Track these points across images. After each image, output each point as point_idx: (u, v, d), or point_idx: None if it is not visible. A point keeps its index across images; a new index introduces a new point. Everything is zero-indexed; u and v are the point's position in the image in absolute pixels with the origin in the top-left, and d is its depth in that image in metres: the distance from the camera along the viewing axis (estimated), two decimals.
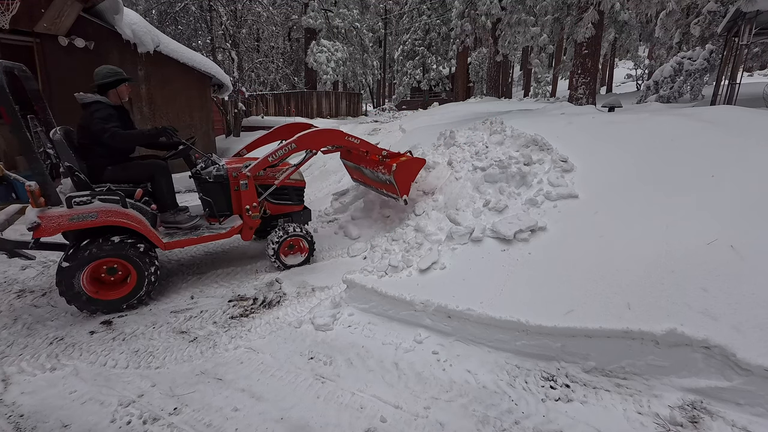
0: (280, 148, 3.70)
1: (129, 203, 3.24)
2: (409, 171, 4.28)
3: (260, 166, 3.70)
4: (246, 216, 3.73)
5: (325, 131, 4.01)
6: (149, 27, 7.43)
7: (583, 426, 2.06)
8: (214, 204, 3.76)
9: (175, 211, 3.67)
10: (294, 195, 4.26)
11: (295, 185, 4.23)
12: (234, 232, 3.75)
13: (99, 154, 3.36)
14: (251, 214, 3.73)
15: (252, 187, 3.72)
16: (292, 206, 4.27)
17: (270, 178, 3.98)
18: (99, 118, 3.25)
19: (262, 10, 14.94)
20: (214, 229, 3.73)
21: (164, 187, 3.56)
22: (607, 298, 2.52)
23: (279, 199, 4.15)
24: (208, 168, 3.76)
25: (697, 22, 11.62)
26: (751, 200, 2.87)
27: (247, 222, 3.77)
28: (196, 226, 3.73)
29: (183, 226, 3.67)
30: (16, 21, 5.52)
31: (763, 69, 22.01)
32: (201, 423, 2.14)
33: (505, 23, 13.12)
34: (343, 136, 4.07)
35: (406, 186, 4.27)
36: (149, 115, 7.77)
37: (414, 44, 26.37)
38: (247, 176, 3.65)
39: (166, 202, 3.60)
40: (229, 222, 3.80)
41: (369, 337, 2.85)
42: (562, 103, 10.42)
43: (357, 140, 4.17)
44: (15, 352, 2.74)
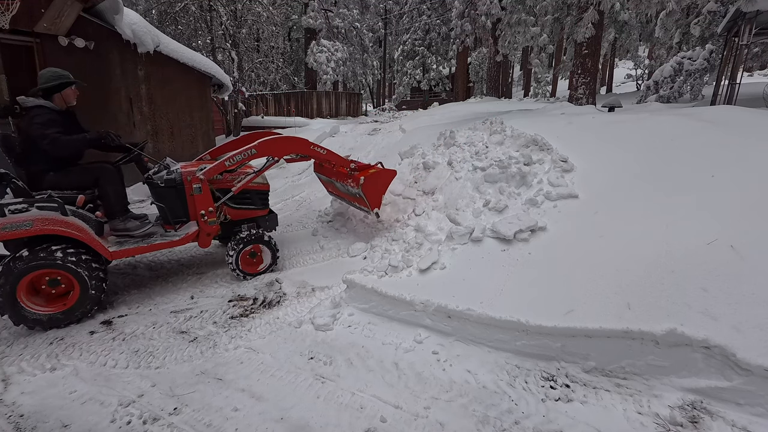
0: (238, 152, 3.57)
1: (70, 210, 3.07)
2: (379, 183, 4.18)
3: (216, 170, 3.55)
4: (202, 222, 3.57)
5: (288, 138, 3.90)
6: (149, 27, 7.42)
7: (583, 426, 2.06)
8: (167, 210, 3.57)
9: (125, 218, 3.47)
10: (257, 199, 4.07)
11: (258, 189, 4.04)
12: (189, 239, 3.57)
13: (39, 161, 3.20)
14: (207, 219, 3.57)
15: (207, 192, 3.55)
16: (256, 211, 4.08)
17: (228, 182, 3.81)
18: (38, 124, 3.09)
19: (262, 10, 14.93)
20: (168, 236, 3.54)
21: (111, 193, 3.36)
22: (607, 298, 2.52)
23: (241, 204, 3.96)
24: (160, 172, 3.58)
25: (697, 22, 11.62)
26: (751, 200, 2.87)
27: (204, 228, 3.59)
28: (149, 234, 3.53)
29: (134, 233, 3.46)
30: (16, 21, 5.51)
31: (763, 69, 22.02)
32: (201, 423, 2.14)
33: (505, 23, 13.13)
34: (308, 145, 3.96)
35: (375, 199, 4.18)
36: (149, 115, 7.77)
37: (414, 44, 26.38)
38: (201, 180, 3.49)
39: (114, 209, 3.41)
40: (185, 228, 3.62)
41: (369, 337, 2.85)
42: (562, 103, 10.43)
43: (323, 151, 4.06)
44: (15, 352, 2.74)
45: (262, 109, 16.99)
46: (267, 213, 4.20)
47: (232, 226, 3.96)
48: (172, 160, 3.75)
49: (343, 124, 14.98)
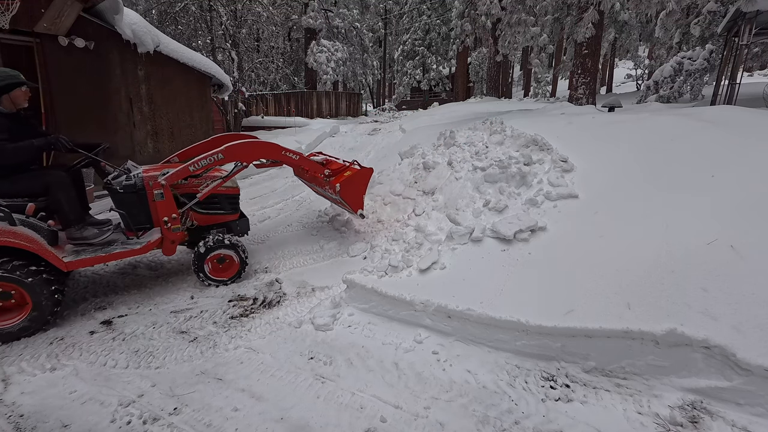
0: (204, 156, 3.43)
1: (19, 220, 2.89)
2: (356, 185, 4.09)
3: (179, 176, 3.41)
4: (165, 229, 3.42)
5: (257, 143, 3.77)
6: (149, 27, 7.42)
7: (583, 426, 2.06)
8: (128, 216, 3.39)
9: (82, 226, 3.26)
10: (226, 203, 3.91)
11: (227, 193, 3.88)
12: (151, 247, 3.41)
13: None
14: (171, 226, 3.42)
15: (170, 198, 3.39)
16: (225, 216, 3.93)
17: (194, 187, 3.67)
18: None
19: (262, 10, 14.94)
20: (129, 244, 3.37)
21: (63, 201, 3.14)
22: (607, 298, 2.52)
23: (208, 209, 3.81)
24: (119, 177, 3.41)
25: (697, 22, 11.62)
26: (751, 200, 2.87)
27: (168, 235, 3.44)
28: (109, 242, 3.35)
29: (93, 241, 3.27)
30: (16, 21, 5.51)
31: (763, 69, 22.02)
32: (201, 423, 2.14)
33: (505, 23, 13.12)
34: (279, 150, 3.83)
35: (356, 201, 4.11)
36: (149, 115, 7.76)
37: (414, 44, 26.39)
38: (162, 185, 3.33)
39: (68, 217, 3.19)
40: (147, 236, 3.46)
41: (369, 337, 2.85)
42: (562, 103, 10.44)
43: (296, 156, 3.92)
44: (15, 352, 2.74)
45: (262, 109, 17.00)
46: (237, 217, 4.06)
47: (200, 231, 3.81)
48: (134, 164, 3.60)
49: (343, 124, 14.99)
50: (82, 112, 6.80)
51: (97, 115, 6.99)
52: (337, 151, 10.38)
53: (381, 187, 5.22)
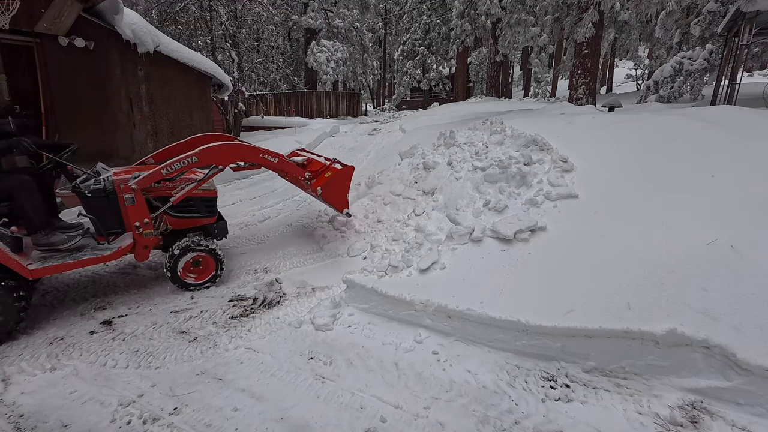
0: (177, 159, 3.32)
1: None
2: (338, 186, 4.06)
3: (151, 179, 3.29)
4: (137, 234, 3.31)
5: (233, 145, 3.67)
6: (149, 27, 7.43)
7: (583, 426, 2.06)
8: (98, 221, 3.28)
9: (49, 232, 3.13)
10: (202, 207, 3.79)
11: (203, 196, 3.76)
12: (122, 253, 3.28)
13: None
14: (143, 231, 3.32)
15: (141, 202, 3.29)
16: (201, 219, 3.81)
17: (168, 189, 3.55)
18: None
19: (262, 10, 14.93)
20: (99, 250, 3.26)
21: (27, 206, 3.02)
22: (607, 298, 2.52)
23: (184, 212, 3.70)
24: (88, 181, 3.29)
25: (697, 22, 11.61)
26: (751, 200, 2.87)
27: (140, 240, 3.34)
28: (78, 247, 3.23)
29: (60, 247, 3.15)
30: (16, 21, 5.52)
31: (763, 69, 22.00)
32: (201, 423, 2.14)
33: (505, 23, 13.13)
34: (257, 152, 3.74)
35: (340, 201, 4.10)
36: (149, 115, 7.76)
37: (414, 44, 26.39)
38: (133, 189, 3.22)
39: (33, 223, 3.07)
40: (119, 241, 3.34)
41: (369, 337, 2.85)
42: (562, 103, 10.44)
43: (275, 159, 3.82)
44: (15, 352, 2.74)
45: (262, 109, 17.00)
46: (215, 221, 3.95)
47: (176, 235, 3.71)
48: (105, 167, 3.48)
49: (343, 124, 14.99)
50: (82, 112, 6.81)
51: (97, 115, 7.00)
52: (337, 151, 10.39)
53: (381, 187, 5.22)
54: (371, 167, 7.29)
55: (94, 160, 3.66)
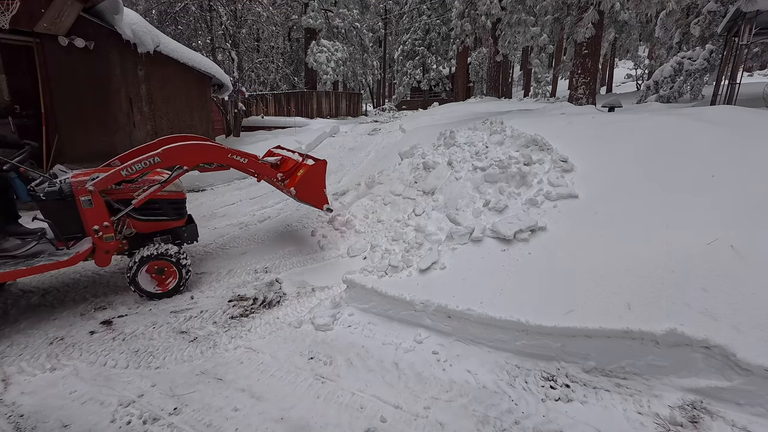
0: (138, 160, 3.18)
1: None
2: (312, 183, 3.97)
3: (110, 180, 3.14)
4: (96, 238, 3.16)
5: (199, 146, 3.51)
6: (149, 27, 7.43)
7: (583, 426, 2.06)
8: (56, 226, 3.15)
9: (2, 237, 3.05)
10: (169, 209, 3.63)
11: (170, 198, 3.61)
12: (80, 258, 3.13)
13: None
14: (103, 235, 3.17)
15: (100, 204, 3.13)
16: (169, 222, 3.65)
17: (131, 192, 3.40)
18: None
19: (262, 10, 14.93)
20: (56, 255, 3.11)
21: None
22: (607, 298, 2.52)
23: (149, 215, 3.55)
24: (43, 184, 3.14)
25: (697, 22, 11.62)
26: (751, 200, 2.87)
27: (100, 245, 3.19)
28: (35, 253, 3.10)
29: (14, 253, 3.04)
30: (16, 21, 5.52)
31: (763, 69, 22.01)
32: (201, 423, 2.14)
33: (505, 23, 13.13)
34: (224, 153, 3.61)
35: (317, 198, 4.03)
36: (149, 115, 7.77)
37: (414, 44, 26.40)
38: (90, 192, 3.07)
39: None
40: (77, 246, 3.20)
41: (369, 337, 2.85)
42: (562, 103, 10.44)
43: (244, 159, 3.70)
44: (15, 352, 2.74)
45: (262, 109, 17.00)
46: (184, 223, 3.80)
47: (142, 239, 3.57)
48: (63, 169, 3.34)
49: (343, 124, 14.99)
50: (82, 112, 6.81)
51: (97, 115, 7.00)
52: (337, 150, 10.39)
53: (381, 187, 5.22)
54: (371, 167, 7.29)
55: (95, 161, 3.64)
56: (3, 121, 6.60)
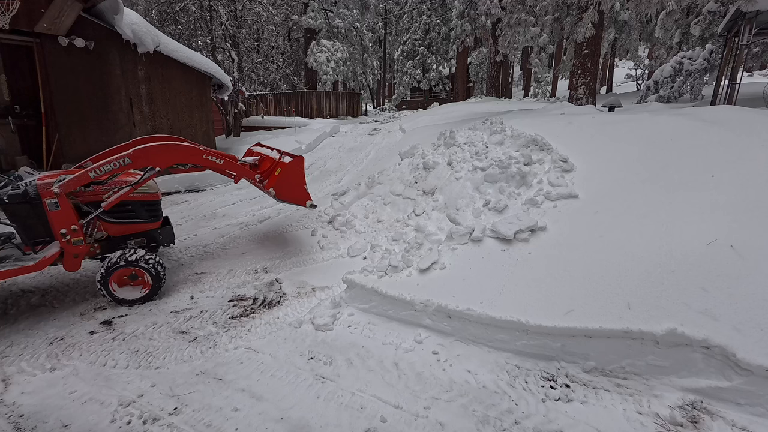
0: (108, 161, 3.08)
1: None
2: (291, 181, 3.89)
3: (77, 182, 3.04)
4: (63, 242, 3.05)
5: (170, 146, 3.42)
6: (149, 27, 7.43)
7: (583, 426, 2.06)
8: (21, 230, 3.05)
9: None
10: (143, 211, 3.52)
11: (143, 199, 3.49)
12: (47, 263, 3.01)
13: None
14: (71, 239, 3.06)
15: (67, 207, 3.03)
16: (143, 225, 3.54)
17: (100, 193, 3.28)
18: None
19: (262, 10, 14.94)
20: (22, 261, 3.01)
21: None
22: (607, 298, 2.52)
23: (121, 218, 3.43)
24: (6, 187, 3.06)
25: (697, 22, 11.62)
26: (751, 200, 2.87)
27: (68, 249, 3.08)
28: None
29: None
30: (16, 21, 5.52)
31: (763, 69, 22.01)
32: (201, 423, 2.14)
33: (505, 23, 13.12)
34: (199, 154, 3.50)
35: (298, 196, 3.97)
36: (149, 115, 7.77)
37: (414, 44, 26.40)
38: (56, 194, 2.96)
39: None
40: (45, 250, 3.09)
41: (369, 337, 2.85)
42: (562, 103, 10.44)
43: (220, 160, 3.61)
44: (15, 352, 2.74)
45: (262, 109, 17.00)
46: (159, 226, 3.68)
47: (115, 243, 3.46)
48: (30, 170, 3.26)
49: (343, 124, 15.00)
50: (82, 112, 6.81)
51: (97, 115, 7.00)
52: (337, 150, 10.39)
53: (381, 187, 5.23)
54: (371, 167, 7.29)
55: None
56: (3, 121, 6.60)
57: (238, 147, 10.02)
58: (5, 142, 6.61)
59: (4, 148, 3.25)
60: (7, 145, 6.65)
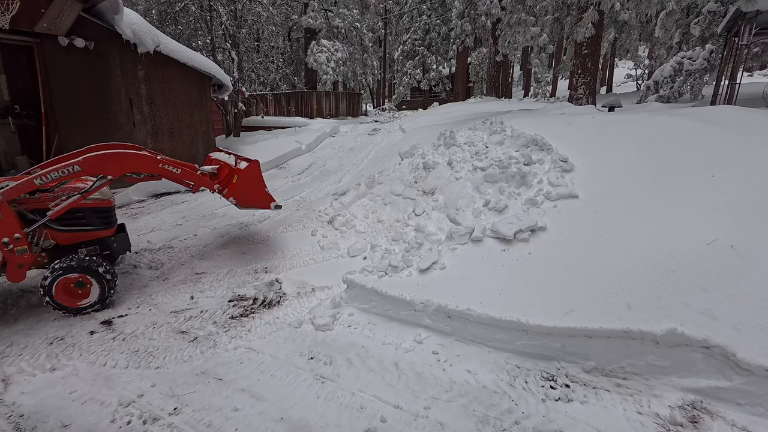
0: (55, 168, 2.97)
1: None
2: (250, 186, 3.86)
3: (20, 190, 2.91)
4: (6, 252, 2.93)
5: (122, 154, 3.31)
6: (149, 27, 7.42)
7: (583, 426, 2.06)
8: None
9: None
10: (94, 218, 3.35)
11: (94, 206, 3.33)
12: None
13: None
14: (14, 248, 2.94)
15: (9, 215, 2.90)
16: (94, 232, 3.38)
17: (47, 201, 3.14)
18: None
19: (262, 10, 14.93)
20: None
21: None
22: (607, 298, 2.52)
23: (71, 226, 3.28)
24: None
25: (697, 22, 11.62)
26: (751, 200, 2.87)
27: (11, 259, 2.96)
28: None
29: None
30: (16, 21, 5.52)
31: (763, 69, 22.00)
32: (201, 423, 2.14)
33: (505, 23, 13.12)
34: (154, 163, 3.41)
35: (259, 200, 3.95)
36: (149, 115, 7.76)
37: (414, 44, 26.40)
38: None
39: None
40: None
41: (369, 337, 2.85)
42: (562, 103, 10.44)
43: (177, 169, 3.53)
44: (15, 352, 2.74)
45: (262, 109, 16.98)
46: (113, 233, 3.53)
47: (65, 251, 3.31)
48: None
49: (343, 124, 14.99)
50: (82, 112, 6.81)
51: (97, 115, 7.00)
52: (337, 150, 10.39)
53: (381, 187, 5.23)
54: (371, 167, 7.30)
55: None
56: (3, 121, 6.60)
57: (239, 147, 10.02)
58: (5, 142, 6.61)
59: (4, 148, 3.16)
60: (7, 145, 6.65)
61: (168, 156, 3.75)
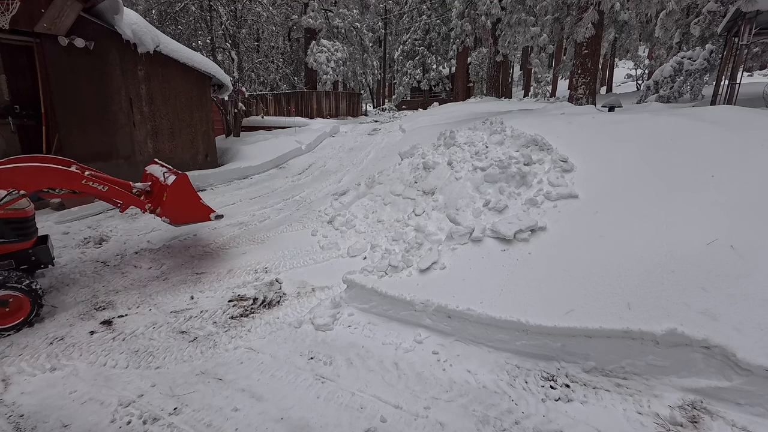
0: None
1: None
2: (182, 201, 3.73)
3: None
4: None
5: (35, 169, 3.12)
6: (149, 27, 7.42)
7: (583, 426, 2.06)
8: None
9: None
10: (8, 230, 3.10)
11: (7, 217, 3.08)
12: None
13: None
14: None
15: None
16: (9, 245, 3.14)
17: None
18: None
19: (262, 10, 14.93)
20: None
21: None
22: (607, 298, 2.52)
23: None
24: None
25: (697, 22, 11.62)
26: (751, 200, 2.87)
27: None
28: None
29: None
30: (16, 21, 5.51)
31: (763, 69, 22.01)
32: (201, 423, 2.14)
33: (505, 23, 13.13)
34: (77, 179, 3.22)
35: (195, 214, 3.84)
36: (149, 115, 7.76)
37: (414, 44, 26.41)
38: None
39: None
40: None
41: (369, 337, 2.85)
42: (562, 103, 10.44)
43: (104, 186, 3.34)
44: (15, 352, 2.74)
45: (262, 109, 16.98)
46: (31, 245, 3.27)
47: None
48: None
49: (343, 124, 14.99)
50: (82, 112, 6.80)
51: (97, 115, 6.99)
52: (337, 150, 10.39)
53: (381, 187, 5.23)
54: (371, 167, 7.30)
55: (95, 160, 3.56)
56: (3, 122, 6.60)
57: (238, 147, 10.02)
58: (5, 142, 6.60)
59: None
60: (7, 145, 6.64)
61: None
